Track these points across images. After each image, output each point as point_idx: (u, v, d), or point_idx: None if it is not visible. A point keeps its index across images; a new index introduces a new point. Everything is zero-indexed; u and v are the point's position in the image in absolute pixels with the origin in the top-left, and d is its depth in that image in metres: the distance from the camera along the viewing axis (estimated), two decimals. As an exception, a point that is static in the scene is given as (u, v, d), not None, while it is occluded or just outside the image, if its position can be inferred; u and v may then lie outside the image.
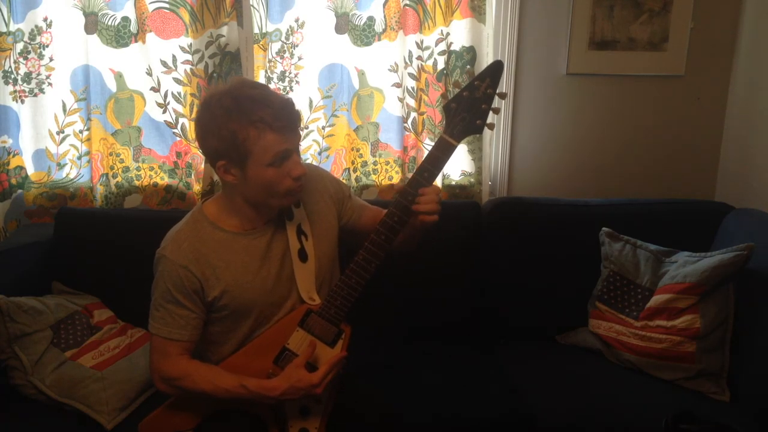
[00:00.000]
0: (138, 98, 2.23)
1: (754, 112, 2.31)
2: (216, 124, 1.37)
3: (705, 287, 1.84)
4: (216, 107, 1.38)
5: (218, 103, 1.38)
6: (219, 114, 1.37)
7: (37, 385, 1.71)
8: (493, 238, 2.15)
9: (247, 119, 1.35)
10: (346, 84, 2.27)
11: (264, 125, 1.36)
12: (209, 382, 1.45)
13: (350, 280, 1.49)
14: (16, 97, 2.18)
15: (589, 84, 2.39)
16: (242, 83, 1.44)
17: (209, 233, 1.50)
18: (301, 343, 1.51)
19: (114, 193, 2.28)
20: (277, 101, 1.39)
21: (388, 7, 2.21)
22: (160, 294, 1.47)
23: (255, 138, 1.36)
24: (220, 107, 1.37)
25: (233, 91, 1.39)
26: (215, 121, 1.38)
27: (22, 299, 1.79)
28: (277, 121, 1.37)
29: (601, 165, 2.46)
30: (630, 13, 2.31)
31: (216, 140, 1.38)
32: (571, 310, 2.10)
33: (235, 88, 1.40)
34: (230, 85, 1.43)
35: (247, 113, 1.35)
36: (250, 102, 1.37)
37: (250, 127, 1.35)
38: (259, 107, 1.36)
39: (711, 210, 2.19)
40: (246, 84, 1.44)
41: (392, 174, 2.36)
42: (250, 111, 1.36)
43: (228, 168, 1.42)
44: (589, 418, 1.72)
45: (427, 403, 1.77)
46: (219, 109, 1.37)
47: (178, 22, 2.16)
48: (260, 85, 1.48)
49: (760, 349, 1.77)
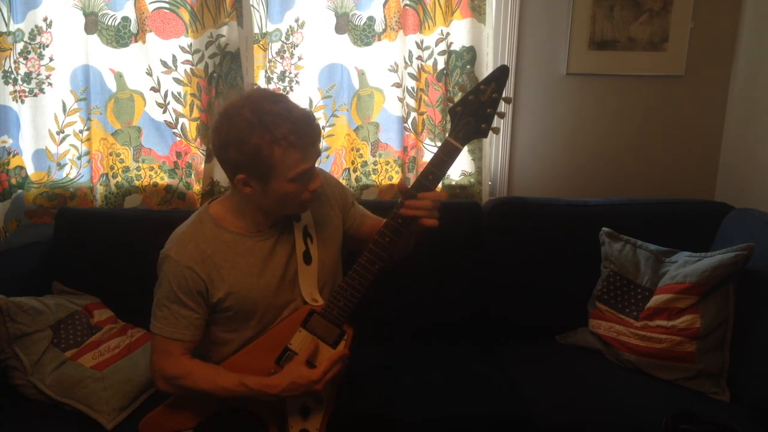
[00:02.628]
0: (138, 98, 2.23)
1: (754, 112, 2.31)
2: (239, 137, 1.35)
3: (705, 287, 1.84)
4: (238, 120, 1.35)
5: (239, 116, 1.35)
6: (241, 127, 1.34)
7: (37, 385, 1.70)
8: (493, 238, 2.15)
9: (271, 136, 1.33)
10: (346, 84, 2.27)
11: (287, 143, 1.34)
12: (210, 381, 1.46)
13: (353, 281, 1.49)
14: (16, 97, 2.18)
15: (589, 84, 2.39)
16: (262, 95, 1.39)
17: (215, 234, 1.49)
18: (303, 344, 1.51)
19: (114, 193, 2.28)
20: (299, 117, 1.37)
21: (388, 7, 2.21)
22: (164, 294, 1.47)
23: (280, 156, 1.35)
24: (242, 120, 1.34)
25: (254, 103, 1.36)
26: (238, 135, 1.35)
27: (22, 299, 1.79)
28: (300, 138, 1.35)
29: (601, 165, 2.47)
30: (630, 13, 2.31)
31: (238, 154, 1.36)
32: (571, 310, 2.10)
33: (256, 101, 1.37)
34: (250, 96, 1.39)
35: (271, 130, 1.33)
36: (272, 118, 1.34)
37: (274, 145, 1.34)
38: (282, 123, 1.34)
39: (711, 210, 2.19)
40: (267, 96, 1.39)
41: (392, 174, 2.37)
42: (273, 127, 1.33)
43: (248, 181, 1.40)
44: (589, 418, 1.72)
45: (428, 403, 1.77)
46: (241, 122, 1.34)
47: (178, 22, 2.16)
48: (281, 98, 1.42)
49: (760, 349, 1.78)
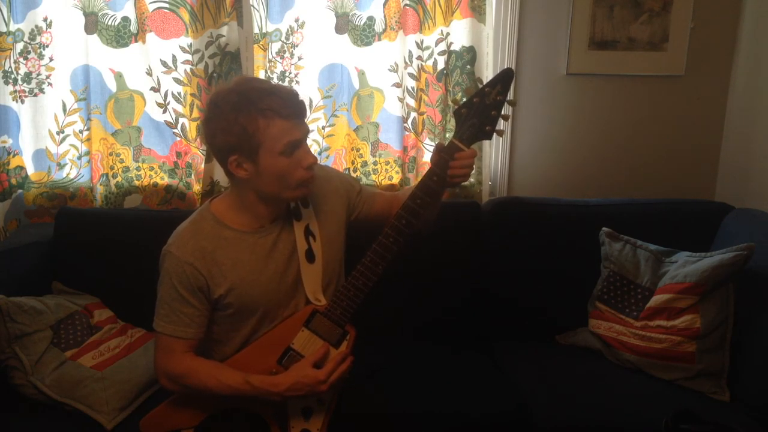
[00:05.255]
0: (138, 98, 2.23)
1: (754, 112, 2.31)
2: (225, 120, 1.39)
3: (705, 287, 1.84)
4: (223, 104, 1.40)
5: (225, 100, 1.40)
6: (227, 110, 1.39)
7: (37, 385, 1.70)
8: (493, 238, 2.15)
9: (256, 108, 1.38)
10: (346, 84, 2.27)
11: (272, 113, 1.38)
12: (214, 379, 1.46)
13: (357, 281, 1.49)
14: (16, 97, 2.18)
15: (589, 84, 2.39)
16: (246, 79, 1.49)
17: (216, 231, 1.50)
18: (305, 344, 1.51)
19: (114, 193, 2.28)
20: (282, 90, 1.44)
21: (388, 7, 2.21)
22: (166, 291, 1.47)
23: (265, 127, 1.38)
24: (227, 103, 1.40)
25: (238, 86, 1.42)
26: (224, 118, 1.39)
27: (22, 299, 1.79)
28: (284, 108, 1.40)
29: (601, 165, 2.46)
30: (630, 13, 2.31)
31: (226, 135, 1.40)
32: (571, 310, 2.10)
33: (240, 84, 1.44)
34: (234, 82, 1.46)
35: (255, 102, 1.38)
36: (256, 93, 1.39)
37: (259, 117, 1.38)
38: (266, 96, 1.39)
39: (711, 210, 2.19)
40: (250, 79, 1.50)
41: (392, 174, 2.36)
42: (257, 100, 1.38)
43: (240, 162, 1.43)
44: (589, 418, 1.72)
45: (428, 403, 1.77)
46: (226, 105, 1.40)
47: (178, 22, 2.16)
48: (264, 80, 1.53)
49: (760, 349, 1.78)
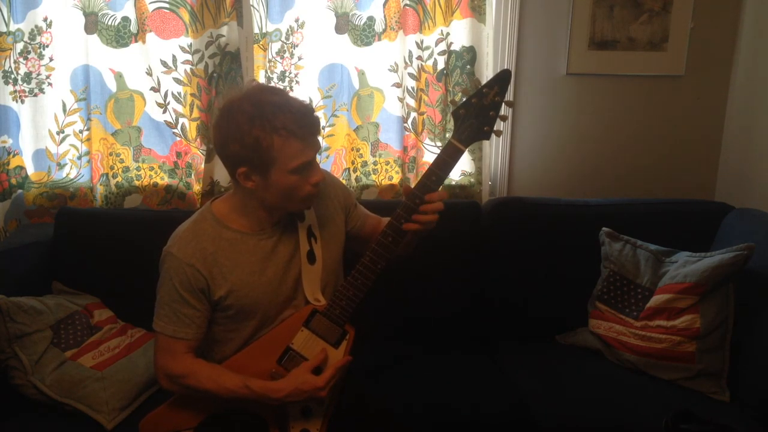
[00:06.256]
0: (138, 98, 2.23)
1: (754, 112, 2.31)
2: (239, 130, 1.36)
3: (705, 287, 1.84)
4: (237, 113, 1.37)
5: (239, 110, 1.37)
6: (242, 121, 1.36)
7: (37, 385, 1.70)
8: (493, 238, 2.15)
9: (271, 126, 1.35)
10: (346, 84, 2.27)
11: (287, 132, 1.36)
12: (213, 381, 1.45)
13: (356, 281, 1.49)
14: (16, 97, 2.18)
15: (589, 84, 2.39)
16: (261, 89, 1.44)
17: (217, 232, 1.50)
18: (305, 344, 1.51)
19: (114, 193, 2.28)
20: (298, 107, 1.40)
21: (388, 7, 2.21)
22: (166, 292, 1.47)
23: (280, 146, 1.36)
24: (242, 113, 1.37)
25: (253, 96, 1.39)
26: (238, 128, 1.37)
27: (22, 299, 1.79)
28: (300, 128, 1.37)
29: (601, 165, 2.47)
30: (630, 13, 2.31)
31: (239, 147, 1.37)
32: (571, 310, 2.10)
33: (255, 94, 1.40)
34: (249, 90, 1.42)
35: (270, 120, 1.35)
36: (271, 108, 1.36)
37: (274, 135, 1.35)
38: (282, 113, 1.36)
39: (711, 210, 2.19)
40: (265, 90, 1.44)
41: (392, 174, 2.37)
42: (272, 117, 1.35)
43: (249, 174, 1.41)
44: (589, 418, 1.72)
45: (428, 403, 1.77)
46: (241, 115, 1.37)
47: (178, 22, 2.16)
48: (280, 91, 1.46)
49: (760, 349, 1.78)
